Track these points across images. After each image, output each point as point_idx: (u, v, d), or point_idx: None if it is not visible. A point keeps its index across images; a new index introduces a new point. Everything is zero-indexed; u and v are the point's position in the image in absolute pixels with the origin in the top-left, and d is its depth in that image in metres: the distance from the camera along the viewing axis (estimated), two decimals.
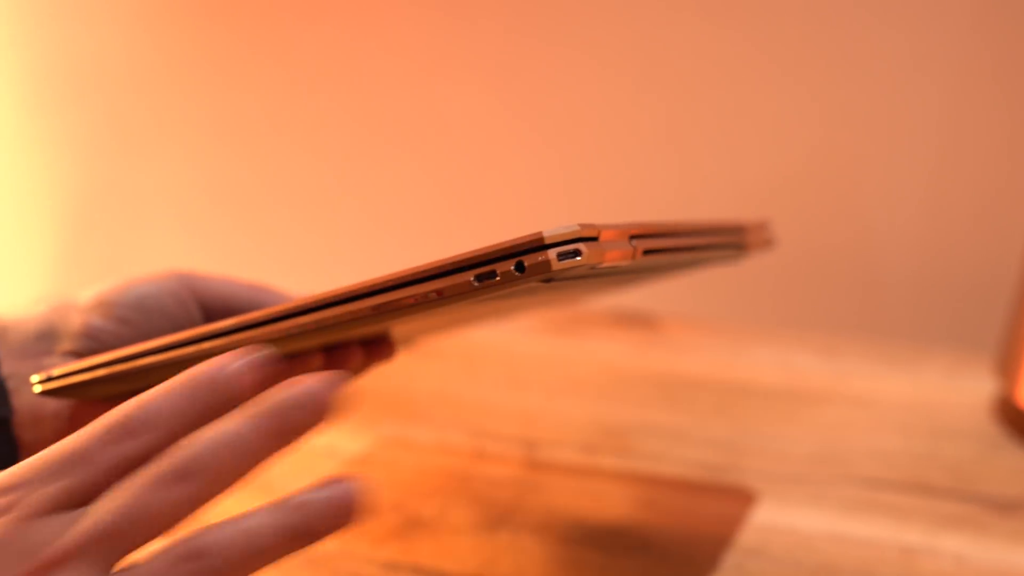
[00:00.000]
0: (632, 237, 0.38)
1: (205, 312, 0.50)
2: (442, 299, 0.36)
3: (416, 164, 1.11)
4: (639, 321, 0.86)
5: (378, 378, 0.54)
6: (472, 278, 0.36)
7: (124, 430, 0.34)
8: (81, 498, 0.33)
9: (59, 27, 1.19)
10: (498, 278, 0.35)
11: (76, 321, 0.48)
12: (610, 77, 1.02)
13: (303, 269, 1.17)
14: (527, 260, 0.35)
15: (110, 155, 1.22)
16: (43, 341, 0.47)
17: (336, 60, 1.10)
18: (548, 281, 0.36)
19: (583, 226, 0.36)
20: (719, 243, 0.48)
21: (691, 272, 0.65)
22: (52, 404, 0.47)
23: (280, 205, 1.18)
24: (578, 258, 0.35)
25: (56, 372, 0.45)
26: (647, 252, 0.39)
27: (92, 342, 0.47)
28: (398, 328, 0.47)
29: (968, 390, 0.73)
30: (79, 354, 0.47)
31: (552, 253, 0.35)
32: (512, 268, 0.35)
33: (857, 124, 0.96)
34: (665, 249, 0.41)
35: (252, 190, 1.19)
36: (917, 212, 0.96)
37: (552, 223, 0.36)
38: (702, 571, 0.54)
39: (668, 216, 1.02)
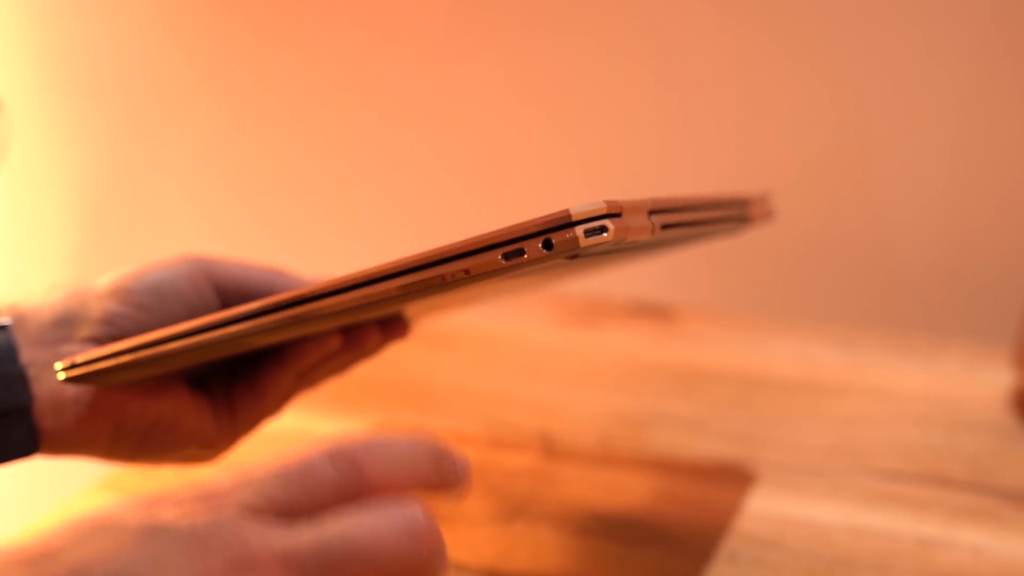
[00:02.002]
0: (651, 212, 0.39)
1: (220, 296, 0.50)
2: (469, 278, 0.37)
3: (431, 152, 1.11)
4: (656, 313, 0.86)
5: (395, 369, 0.54)
6: (500, 256, 0.36)
7: (351, 458, 0.33)
8: (299, 512, 0.32)
9: (77, 20, 1.20)
10: (526, 256, 0.36)
11: (94, 308, 0.48)
12: (626, 67, 1.02)
13: (320, 258, 1.17)
14: (555, 237, 0.35)
15: (127, 146, 1.23)
16: (61, 328, 0.48)
17: (352, 50, 1.10)
18: (573, 258, 0.37)
19: (608, 203, 0.36)
20: (727, 216, 0.48)
21: (696, 245, 0.65)
22: (72, 391, 0.47)
23: (296, 194, 1.18)
24: (604, 234, 0.35)
25: (80, 359, 0.45)
26: (665, 227, 0.40)
27: (110, 328, 0.47)
28: (410, 307, 0.47)
29: (986, 382, 0.73)
30: (98, 340, 0.47)
31: (579, 230, 0.35)
32: (540, 246, 0.36)
33: (875, 114, 0.95)
34: (680, 223, 0.42)
35: (268, 180, 1.19)
36: (935, 204, 0.95)
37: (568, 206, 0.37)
38: (718, 562, 0.54)
39: None
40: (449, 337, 0.81)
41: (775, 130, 0.99)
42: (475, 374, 0.77)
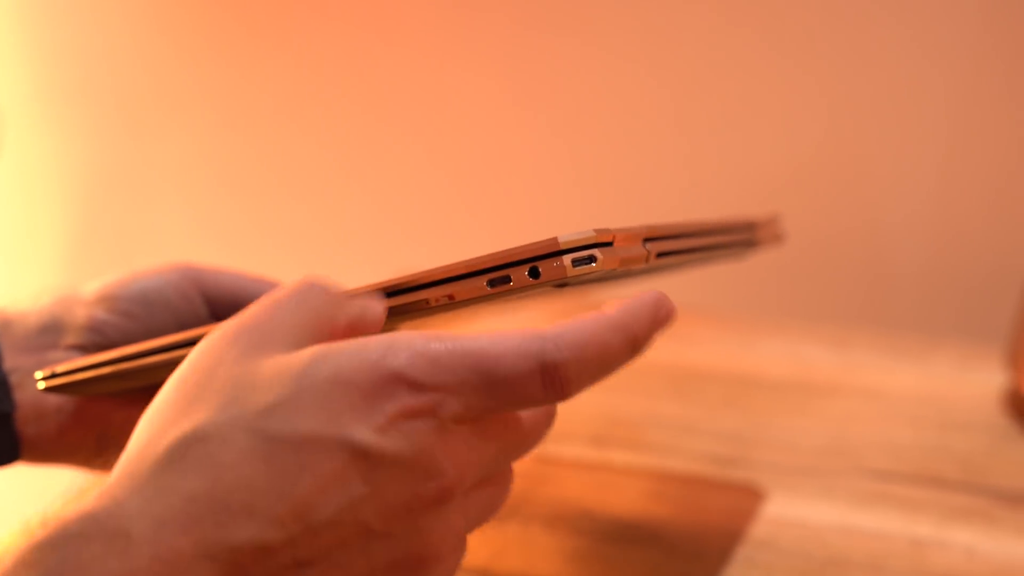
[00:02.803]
0: (646, 240, 0.38)
1: (210, 305, 0.50)
2: (454, 303, 0.36)
3: (424, 156, 1.11)
4: None
5: None
6: (485, 283, 0.36)
7: (562, 380, 0.33)
8: (486, 430, 0.33)
9: (70, 22, 1.19)
10: (512, 283, 0.35)
11: (80, 315, 0.47)
12: (619, 71, 1.02)
13: (312, 261, 1.17)
14: (542, 266, 0.35)
15: (121, 147, 1.22)
16: (47, 335, 0.47)
17: (346, 51, 1.10)
18: (562, 286, 0.36)
19: (598, 231, 0.35)
20: (731, 241, 0.48)
21: (700, 268, 0.65)
22: (55, 399, 0.46)
23: (290, 196, 1.18)
24: (593, 264, 0.35)
25: (60, 369, 0.44)
26: (661, 255, 0.39)
27: (96, 336, 0.47)
28: (402, 325, 0.47)
29: (978, 382, 0.73)
30: (83, 348, 0.47)
31: (567, 259, 0.35)
32: (526, 274, 0.35)
33: (867, 116, 0.95)
34: (678, 251, 0.41)
35: (262, 181, 1.19)
36: (927, 204, 0.95)
37: (560, 216, 0.36)
38: (711, 563, 0.53)
39: (678, 210, 1.02)
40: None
41: (767, 132, 0.99)
42: None
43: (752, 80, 0.98)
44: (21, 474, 0.49)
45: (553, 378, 0.33)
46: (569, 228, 0.36)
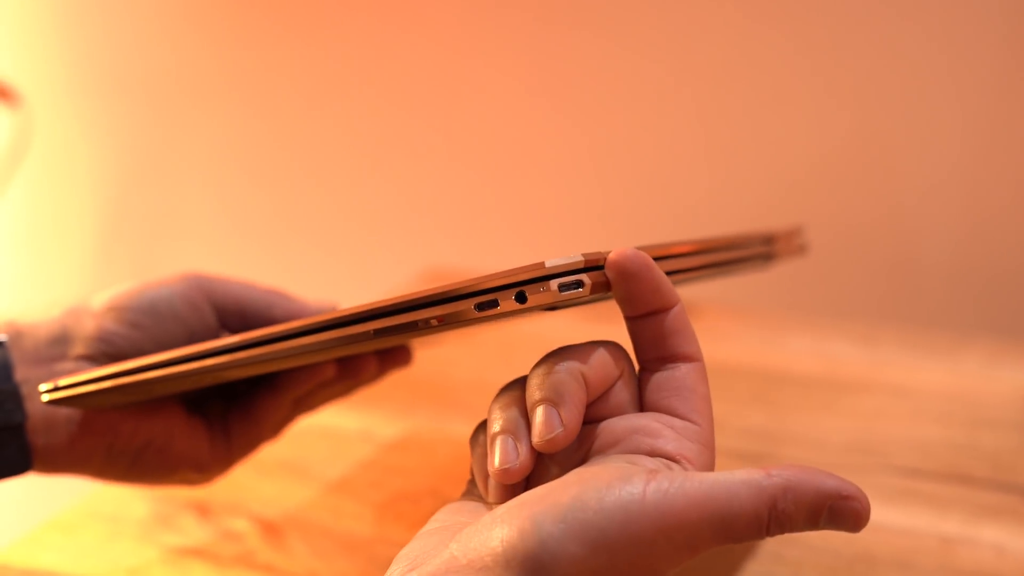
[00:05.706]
0: None
1: (219, 315, 0.50)
2: (442, 325, 0.36)
3: (447, 151, 1.11)
4: None
5: (415, 366, 0.54)
6: (473, 306, 0.35)
7: None
8: None
9: (99, 15, 1.20)
10: (499, 307, 0.35)
11: (89, 326, 0.48)
12: (643, 69, 1.02)
13: (336, 253, 1.18)
14: (529, 291, 0.35)
15: (149, 142, 1.23)
16: (57, 346, 0.48)
17: (373, 45, 1.10)
18: (552, 309, 0.36)
19: (587, 256, 0.35)
20: (743, 256, 0.47)
21: (719, 279, 0.64)
22: (65, 410, 0.47)
23: (315, 189, 1.18)
24: (580, 289, 0.35)
25: (63, 382, 0.45)
26: None
27: (105, 346, 0.47)
28: (395, 343, 0.46)
29: (1007, 380, 0.72)
30: (92, 359, 0.47)
31: (554, 284, 0.34)
32: (513, 298, 0.35)
33: (893, 112, 0.95)
34: (680, 270, 0.40)
35: (288, 173, 1.19)
36: (955, 200, 0.95)
37: (584, 212, 0.36)
38: (739, 560, 0.53)
39: (702, 205, 1.01)
40: (467, 332, 0.81)
41: (792, 128, 0.98)
42: (493, 370, 0.77)
43: (777, 77, 0.97)
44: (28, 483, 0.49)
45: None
46: (593, 224, 0.36)
